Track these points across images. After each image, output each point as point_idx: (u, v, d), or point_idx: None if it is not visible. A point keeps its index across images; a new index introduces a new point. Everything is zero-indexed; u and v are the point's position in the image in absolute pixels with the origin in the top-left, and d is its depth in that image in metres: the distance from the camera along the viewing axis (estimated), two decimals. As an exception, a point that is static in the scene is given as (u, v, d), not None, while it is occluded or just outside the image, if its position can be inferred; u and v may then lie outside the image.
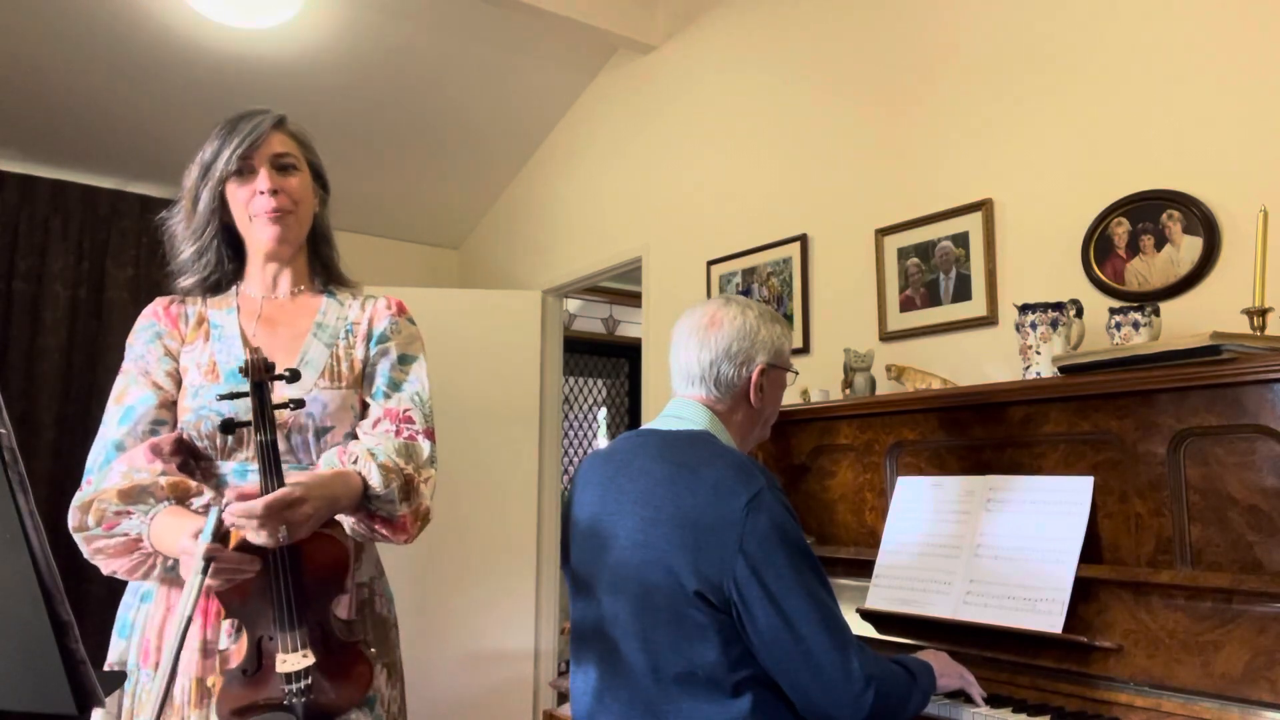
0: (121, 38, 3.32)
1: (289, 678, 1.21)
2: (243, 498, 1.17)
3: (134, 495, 1.28)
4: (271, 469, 1.20)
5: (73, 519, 1.30)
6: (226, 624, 1.32)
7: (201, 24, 3.29)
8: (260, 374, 1.22)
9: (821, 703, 1.28)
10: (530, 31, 3.65)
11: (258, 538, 1.17)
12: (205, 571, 1.08)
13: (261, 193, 1.44)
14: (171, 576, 1.35)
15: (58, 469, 3.65)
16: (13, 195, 3.78)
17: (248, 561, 1.17)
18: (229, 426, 1.24)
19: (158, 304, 1.50)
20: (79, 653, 0.62)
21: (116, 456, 1.34)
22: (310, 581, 1.24)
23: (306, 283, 1.55)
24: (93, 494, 1.30)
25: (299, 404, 1.29)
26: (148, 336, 1.46)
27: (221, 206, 1.47)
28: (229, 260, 1.51)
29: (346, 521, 1.38)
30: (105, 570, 1.32)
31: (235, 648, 1.27)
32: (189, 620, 1.04)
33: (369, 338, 1.52)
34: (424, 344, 1.58)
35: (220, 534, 1.14)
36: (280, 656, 1.21)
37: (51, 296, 3.80)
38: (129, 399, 1.40)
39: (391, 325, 1.54)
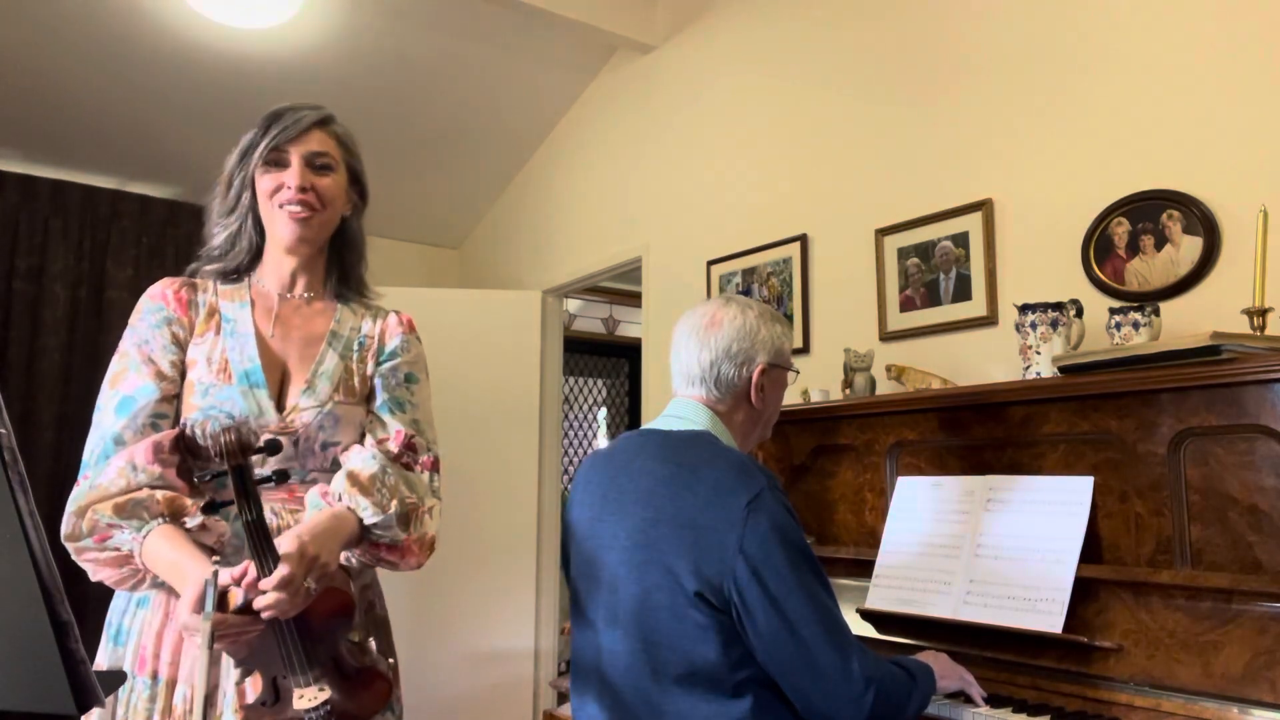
0: (121, 38, 3.32)
1: (307, 712, 1.22)
2: (250, 582, 1.15)
3: (127, 510, 1.25)
4: (262, 547, 1.15)
5: (66, 525, 1.26)
6: None
7: (201, 24, 3.29)
8: (237, 458, 1.15)
9: (821, 704, 1.28)
10: (530, 31, 3.65)
11: (291, 611, 1.16)
12: (212, 645, 1.07)
13: (289, 187, 1.41)
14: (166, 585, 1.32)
15: (58, 469, 3.66)
16: (13, 195, 3.77)
17: (251, 622, 1.16)
18: (212, 508, 1.21)
19: (166, 286, 1.43)
20: (79, 653, 0.62)
21: (115, 451, 1.30)
22: (316, 628, 1.24)
23: (321, 286, 1.52)
24: (87, 499, 1.26)
25: (283, 476, 1.24)
26: (155, 320, 1.39)
27: (253, 194, 1.45)
28: (257, 249, 1.48)
29: (352, 555, 1.37)
30: (93, 578, 1.29)
31: (251, 682, 1.26)
32: (206, 697, 1.03)
33: (379, 353, 1.51)
34: (426, 364, 1.58)
35: (219, 598, 1.12)
36: (297, 693, 1.21)
37: (51, 296, 3.80)
38: (128, 386, 1.34)
39: (402, 343, 1.53)
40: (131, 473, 1.27)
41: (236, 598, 1.16)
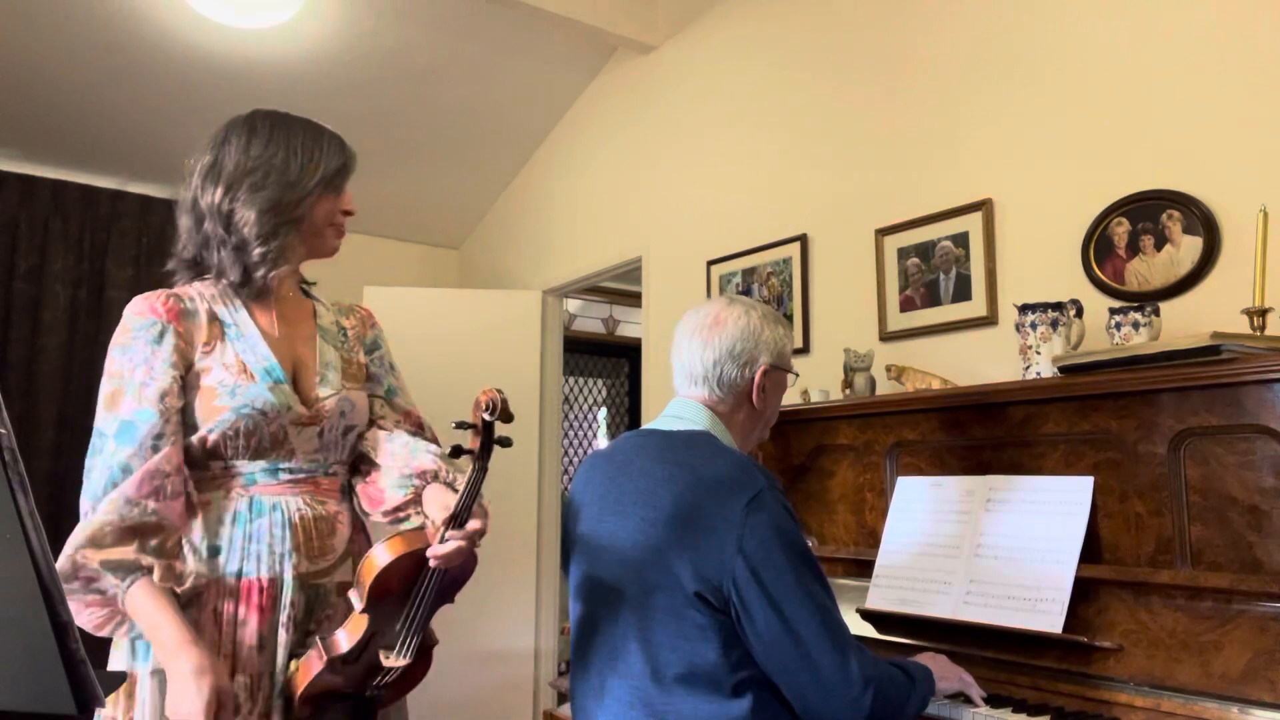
0: (121, 38, 3.32)
1: (381, 674, 1.29)
2: (446, 522, 1.28)
3: (114, 566, 1.23)
4: (473, 495, 1.28)
5: (61, 562, 1.23)
6: (284, 618, 1.33)
7: (201, 24, 3.29)
8: (497, 415, 1.29)
9: (820, 704, 1.28)
10: (530, 31, 3.65)
11: (456, 561, 1.29)
12: None
13: (346, 211, 1.52)
14: (215, 578, 1.35)
15: (58, 469, 3.66)
16: (13, 195, 3.78)
17: (463, 550, 1.28)
18: (458, 452, 1.30)
19: (151, 300, 1.39)
20: (79, 653, 0.62)
21: (124, 480, 1.27)
22: (450, 586, 1.34)
23: (296, 288, 1.56)
24: (79, 539, 1.23)
25: (507, 443, 1.32)
26: (151, 336, 1.35)
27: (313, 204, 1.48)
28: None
29: None
30: (77, 620, 1.23)
31: (343, 636, 1.29)
32: (254, 679, 1.14)
33: (363, 342, 1.59)
34: None
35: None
36: (384, 654, 1.29)
37: (51, 296, 3.80)
38: (127, 410, 1.31)
39: (379, 334, 1.63)
40: (125, 507, 1.25)
41: (436, 537, 1.29)
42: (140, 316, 1.37)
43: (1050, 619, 1.56)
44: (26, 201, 3.80)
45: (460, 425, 1.33)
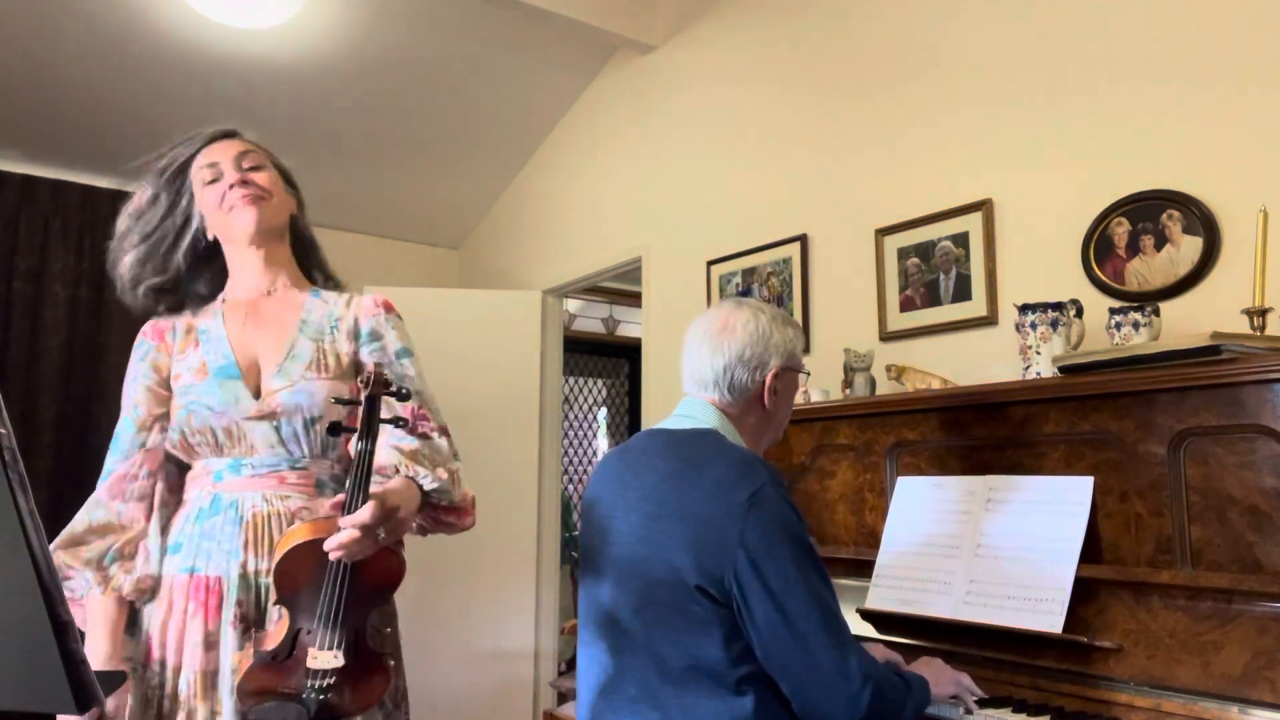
0: (121, 38, 3.32)
1: (315, 674, 1.25)
2: (336, 506, 1.24)
3: (76, 560, 1.36)
4: (364, 477, 1.23)
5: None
6: (231, 616, 1.34)
7: (201, 24, 3.29)
8: (376, 389, 1.27)
9: (818, 700, 1.28)
10: (530, 31, 3.65)
11: (359, 554, 1.22)
12: None
13: (232, 185, 1.48)
14: (171, 574, 1.39)
15: (58, 469, 3.65)
16: (13, 195, 3.77)
17: (360, 541, 1.21)
18: (336, 429, 1.28)
19: (146, 326, 1.55)
20: (79, 653, 0.62)
21: None
22: (363, 588, 1.28)
23: (292, 282, 1.56)
24: (59, 541, 1.36)
25: (402, 421, 1.33)
26: (138, 355, 1.51)
27: (187, 212, 1.53)
28: (188, 271, 1.54)
29: (414, 522, 1.42)
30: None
31: (272, 631, 1.30)
32: (208, 676, 1.20)
33: (355, 334, 1.53)
34: (412, 340, 1.61)
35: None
36: (313, 652, 1.25)
37: (51, 296, 3.80)
38: (119, 425, 1.47)
39: (382, 322, 1.55)
40: (94, 508, 1.39)
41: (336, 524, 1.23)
42: (137, 340, 1.53)
43: (1050, 619, 1.56)
44: (26, 201, 3.80)
45: (338, 402, 1.34)
